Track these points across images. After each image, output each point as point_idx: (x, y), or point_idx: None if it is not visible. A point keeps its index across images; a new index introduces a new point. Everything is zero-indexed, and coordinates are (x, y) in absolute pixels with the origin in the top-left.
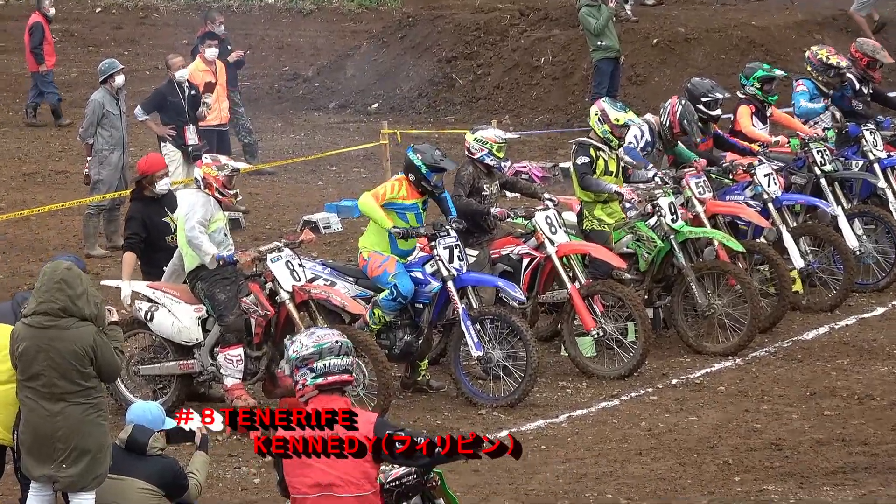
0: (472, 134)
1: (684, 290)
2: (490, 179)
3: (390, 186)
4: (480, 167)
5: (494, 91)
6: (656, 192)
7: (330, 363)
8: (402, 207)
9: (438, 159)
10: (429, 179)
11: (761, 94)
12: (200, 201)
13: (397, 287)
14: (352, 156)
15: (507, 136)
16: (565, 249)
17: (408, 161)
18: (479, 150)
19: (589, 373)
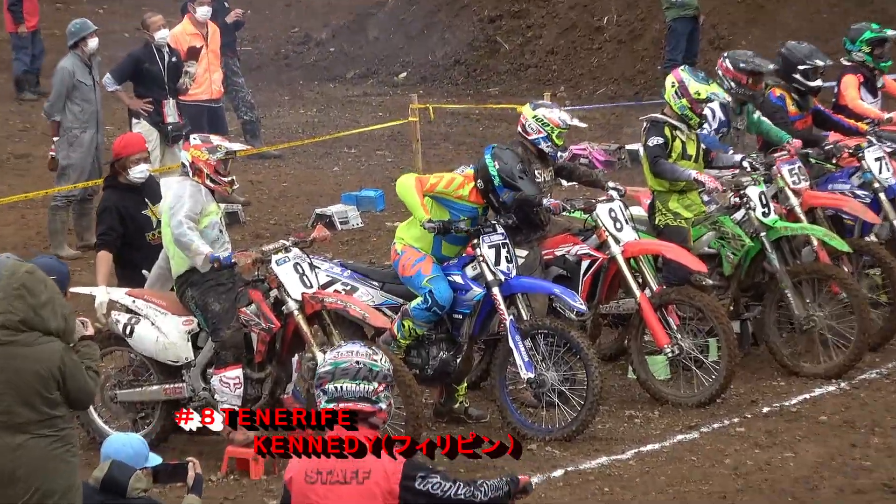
0: (531, 109)
1: (778, 299)
2: (543, 164)
3: (448, 180)
4: (532, 149)
5: (547, 57)
6: (744, 180)
7: (342, 387)
8: (458, 208)
9: (517, 176)
10: (499, 194)
11: (871, 60)
12: (188, 191)
13: (433, 294)
14: (374, 136)
15: (575, 122)
16: (633, 249)
17: (482, 164)
18: (535, 132)
19: (662, 399)
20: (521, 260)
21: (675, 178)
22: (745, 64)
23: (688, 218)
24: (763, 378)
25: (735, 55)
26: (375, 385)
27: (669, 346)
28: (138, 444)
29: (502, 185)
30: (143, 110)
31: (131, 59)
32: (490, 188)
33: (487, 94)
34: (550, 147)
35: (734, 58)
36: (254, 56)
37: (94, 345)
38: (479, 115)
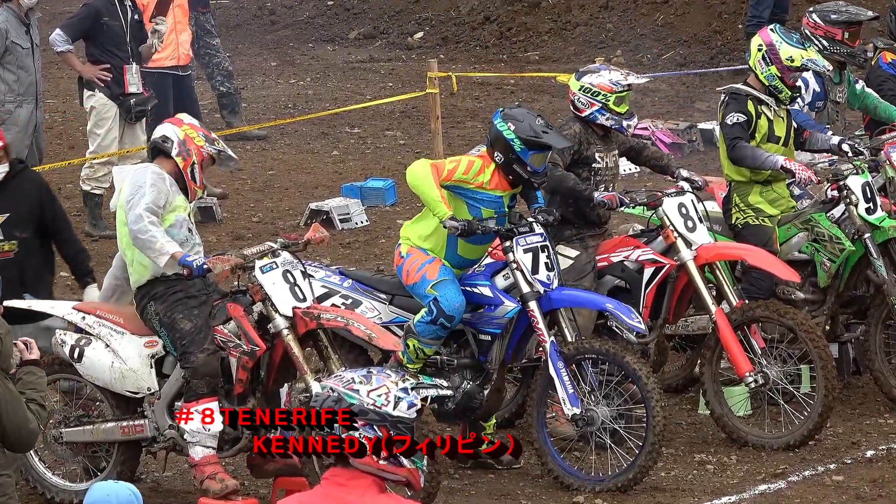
0: (576, 80)
1: (886, 317)
2: (606, 146)
3: (467, 164)
4: (593, 127)
5: (600, 13)
6: (844, 169)
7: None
8: (478, 199)
9: (541, 131)
10: (524, 161)
11: None
12: (149, 179)
13: (438, 302)
14: (383, 112)
15: (633, 80)
16: (709, 255)
17: (494, 133)
18: (587, 105)
19: (741, 440)
20: (570, 262)
21: (757, 165)
22: (836, 15)
23: (772, 215)
24: (867, 414)
25: (824, 7)
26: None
27: (752, 375)
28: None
29: (525, 148)
30: (98, 79)
31: (89, 10)
32: (512, 158)
33: (525, 60)
34: (611, 118)
35: (822, 10)
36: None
37: (39, 371)
38: (514, 86)
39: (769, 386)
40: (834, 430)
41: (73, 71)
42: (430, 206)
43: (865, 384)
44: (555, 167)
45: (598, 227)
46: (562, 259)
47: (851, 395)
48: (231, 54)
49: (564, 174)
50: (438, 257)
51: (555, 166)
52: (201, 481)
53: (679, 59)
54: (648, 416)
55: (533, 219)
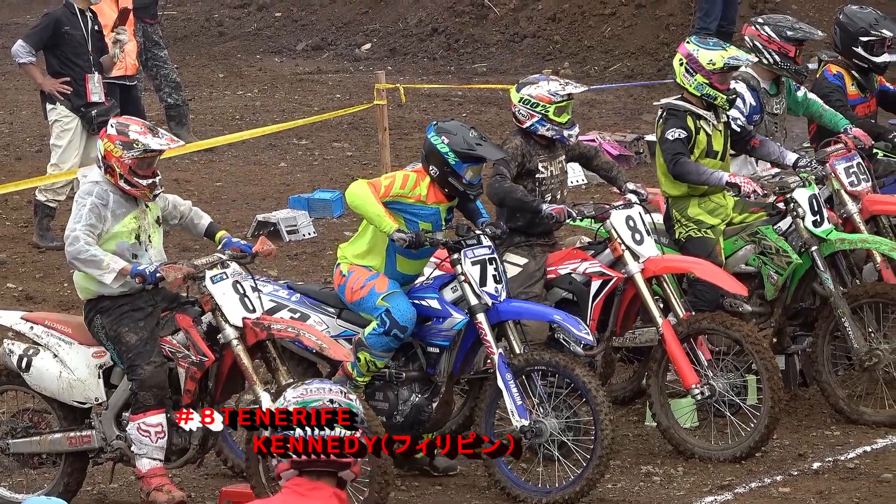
0: (517, 91)
1: (832, 329)
2: (551, 154)
3: (401, 179)
4: (535, 138)
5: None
6: (790, 182)
7: (314, 434)
8: (415, 213)
9: (474, 143)
10: (459, 174)
11: None
12: (89, 204)
13: (390, 313)
14: (331, 124)
15: (572, 89)
16: (656, 268)
17: (428, 145)
18: (527, 116)
19: (688, 452)
20: (518, 269)
21: (701, 181)
22: (792, 32)
23: (714, 226)
24: (813, 426)
25: (776, 21)
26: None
27: (698, 387)
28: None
29: (460, 160)
30: (59, 93)
31: (50, 20)
32: (447, 171)
33: (473, 72)
34: (552, 129)
35: (776, 26)
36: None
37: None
38: (462, 98)
39: (715, 398)
40: (780, 442)
41: (27, 83)
42: (374, 223)
43: (812, 396)
44: (502, 179)
45: (549, 238)
46: (510, 266)
47: (798, 407)
48: (179, 66)
49: (512, 186)
50: (382, 273)
51: (502, 178)
52: (148, 493)
53: (626, 70)
54: (596, 429)
55: (481, 231)
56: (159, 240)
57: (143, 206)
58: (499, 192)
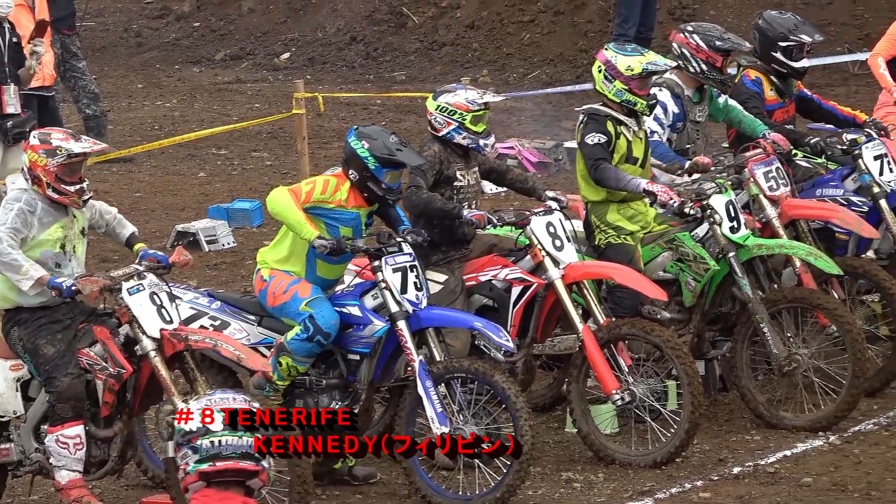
0: (433, 99)
1: (752, 334)
2: (467, 164)
3: (322, 184)
4: (452, 146)
5: (466, 33)
6: (706, 188)
7: (221, 441)
8: (336, 218)
9: (394, 148)
10: (378, 179)
11: None
12: (16, 209)
13: (314, 319)
14: (250, 133)
15: (489, 98)
16: (576, 274)
17: (348, 150)
18: (444, 124)
19: (608, 458)
20: (439, 286)
21: (620, 187)
22: (721, 42)
23: (633, 232)
24: (733, 431)
25: (706, 30)
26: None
27: (619, 393)
28: None
29: (380, 165)
30: None
31: None
32: (367, 175)
33: (391, 80)
34: (468, 137)
35: (705, 34)
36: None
37: None
38: (381, 106)
39: (636, 403)
40: (700, 447)
41: None
42: (295, 230)
43: (732, 401)
44: (418, 190)
45: (465, 248)
46: (432, 284)
47: (718, 412)
48: (97, 77)
49: (430, 195)
50: (303, 278)
51: (418, 189)
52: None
53: (545, 77)
54: (517, 435)
55: (402, 239)
56: (83, 251)
57: (72, 216)
58: (417, 203)
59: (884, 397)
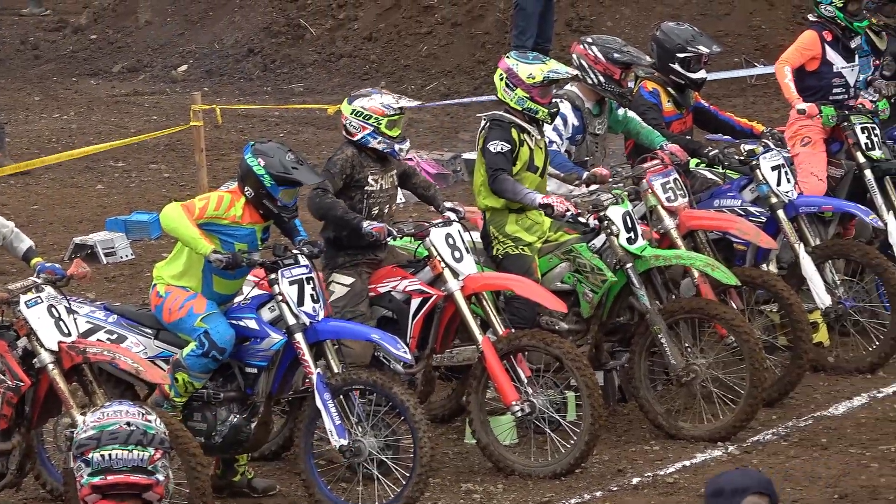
0: (348, 104)
1: (650, 345)
2: (383, 168)
3: (216, 200)
4: (366, 151)
5: (364, 45)
6: (603, 199)
7: (112, 455)
8: (230, 234)
9: (290, 167)
10: (274, 197)
11: (842, 17)
12: None
13: (209, 335)
14: (148, 145)
15: (405, 103)
16: (475, 285)
17: (244, 166)
18: (359, 129)
19: (508, 469)
20: (346, 289)
21: (517, 200)
22: (620, 55)
23: (531, 243)
24: (633, 441)
25: (605, 42)
26: (151, 451)
27: (518, 404)
28: None
29: (275, 183)
30: None
31: None
32: (262, 193)
33: (290, 92)
34: (383, 142)
35: (604, 47)
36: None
37: None
38: (278, 118)
39: (535, 414)
40: (600, 458)
41: None
42: (190, 245)
43: (630, 412)
44: (324, 194)
45: (375, 254)
46: (337, 287)
47: (617, 423)
48: None
49: (334, 201)
50: (199, 293)
51: (324, 193)
52: None
53: (443, 89)
54: (415, 447)
55: (298, 251)
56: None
57: None
58: (320, 207)
59: (782, 407)
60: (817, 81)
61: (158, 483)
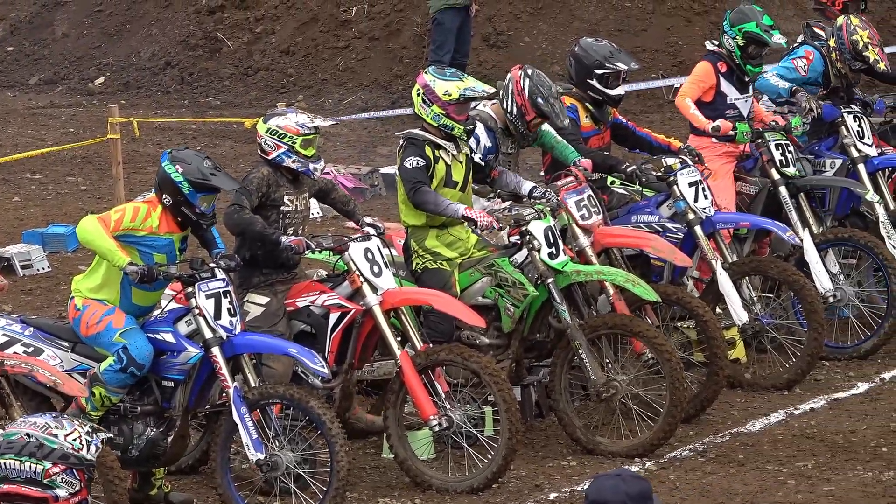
0: (264, 122)
1: (570, 360)
2: (297, 189)
3: (131, 211)
4: (282, 171)
5: (281, 58)
6: (525, 214)
7: (7, 464)
8: (148, 245)
9: (208, 173)
10: (192, 203)
11: (739, 55)
12: None
13: (128, 350)
14: (65, 157)
15: (319, 122)
16: (394, 300)
17: (162, 174)
18: (274, 147)
19: (425, 484)
20: (262, 308)
21: (439, 211)
22: (542, 102)
23: (451, 258)
24: (550, 457)
25: (539, 83)
26: (47, 465)
27: (436, 419)
28: None
29: (194, 190)
30: None
31: None
32: (181, 200)
33: (207, 105)
34: (298, 161)
35: (536, 86)
36: None
37: None
38: (196, 132)
39: (453, 429)
40: (517, 473)
41: None
42: (107, 258)
43: (548, 427)
44: (241, 209)
45: (287, 272)
46: (253, 307)
47: (534, 438)
48: None
49: (252, 217)
50: (118, 307)
51: (241, 209)
52: None
53: (361, 103)
54: (332, 461)
55: (215, 264)
56: None
57: None
58: (238, 222)
59: (699, 424)
60: (711, 112)
61: (57, 499)
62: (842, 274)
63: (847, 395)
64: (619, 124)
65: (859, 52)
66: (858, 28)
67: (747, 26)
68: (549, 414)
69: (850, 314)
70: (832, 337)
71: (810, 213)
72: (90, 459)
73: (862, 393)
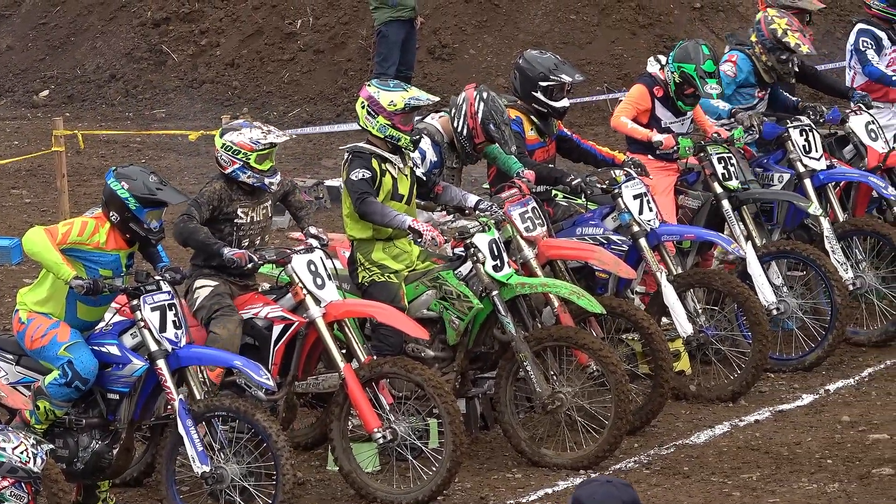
0: (220, 137)
1: (515, 373)
2: (254, 201)
3: (79, 226)
4: (238, 184)
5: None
6: (470, 227)
7: None
8: (94, 260)
9: (154, 188)
10: (140, 219)
11: (674, 89)
12: None
13: (72, 365)
14: (8, 170)
15: (273, 139)
16: (337, 312)
17: (108, 191)
18: (229, 163)
19: (370, 496)
20: (209, 289)
21: (385, 222)
22: (493, 129)
23: (398, 271)
24: (495, 469)
25: (493, 108)
26: None
27: (380, 431)
28: None
29: (141, 206)
30: None
31: None
32: (128, 216)
33: (152, 118)
34: (253, 176)
35: (490, 110)
36: None
37: None
38: (141, 144)
39: (398, 442)
40: (462, 485)
41: None
42: (52, 270)
43: (493, 439)
44: (188, 220)
45: (245, 282)
46: (201, 290)
47: (479, 450)
48: None
49: (196, 227)
50: (63, 321)
51: (189, 219)
52: None
53: (306, 116)
54: (278, 474)
55: (160, 277)
56: None
57: None
58: (182, 232)
59: (644, 435)
60: None
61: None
62: (785, 286)
63: (792, 407)
64: (563, 137)
65: (779, 38)
66: (776, 17)
67: (686, 66)
68: (494, 426)
69: (794, 326)
70: (776, 349)
71: (753, 225)
72: (37, 472)
73: (806, 405)
